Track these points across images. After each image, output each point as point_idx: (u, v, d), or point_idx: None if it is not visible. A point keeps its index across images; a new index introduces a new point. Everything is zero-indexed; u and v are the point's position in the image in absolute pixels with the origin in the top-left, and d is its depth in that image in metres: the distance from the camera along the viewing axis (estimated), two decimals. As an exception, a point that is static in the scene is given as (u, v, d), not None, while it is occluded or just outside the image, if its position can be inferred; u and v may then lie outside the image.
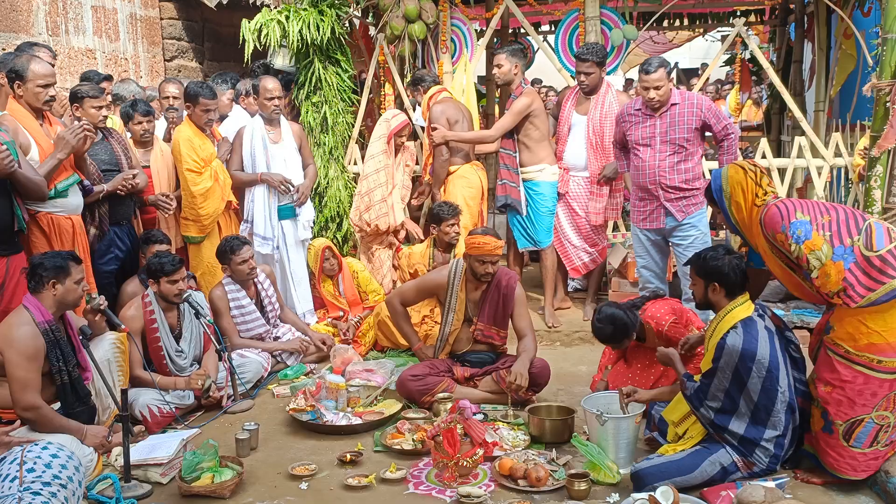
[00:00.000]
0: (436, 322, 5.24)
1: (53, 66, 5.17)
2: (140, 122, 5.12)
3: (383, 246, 6.12)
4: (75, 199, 4.36)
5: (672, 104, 4.85)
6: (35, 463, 2.70)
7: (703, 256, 3.57)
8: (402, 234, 6.22)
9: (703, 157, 5.13)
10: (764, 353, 3.30)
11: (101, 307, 3.92)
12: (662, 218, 4.95)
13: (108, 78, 5.65)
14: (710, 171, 3.99)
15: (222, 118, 6.05)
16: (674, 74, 8.27)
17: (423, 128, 6.46)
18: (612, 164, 5.60)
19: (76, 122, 4.32)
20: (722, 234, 6.51)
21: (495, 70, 5.75)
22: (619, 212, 5.91)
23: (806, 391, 3.51)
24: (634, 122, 4.97)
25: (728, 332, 3.36)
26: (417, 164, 6.44)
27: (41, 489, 2.63)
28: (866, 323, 3.22)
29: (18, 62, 4.21)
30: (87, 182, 4.48)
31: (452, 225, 5.47)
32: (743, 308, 3.43)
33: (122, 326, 4.01)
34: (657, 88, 4.77)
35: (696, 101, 4.88)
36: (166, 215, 5.22)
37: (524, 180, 5.76)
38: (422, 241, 5.94)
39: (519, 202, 5.72)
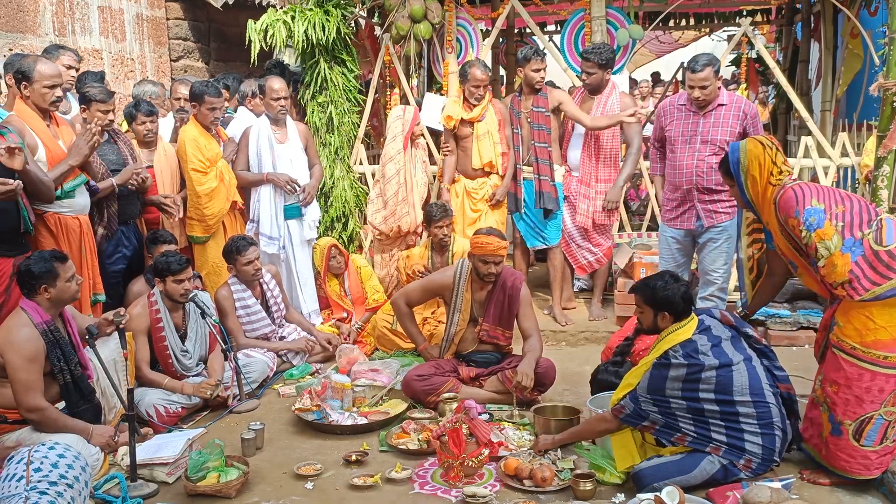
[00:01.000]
0: (439, 321, 5.23)
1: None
2: (143, 123, 5.09)
3: (402, 247, 6.06)
4: (82, 200, 4.37)
5: (719, 104, 4.75)
6: (42, 462, 2.71)
7: (653, 287, 3.47)
8: (421, 231, 6.17)
9: None
10: (712, 363, 3.28)
11: (121, 325, 3.88)
12: (694, 220, 4.89)
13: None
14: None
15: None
16: (680, 74, 8.25)
17: (430, 128, 6.44)
18: (616, 189, 5.57)
19: (88, 127, 4.27)
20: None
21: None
22: (615, 213, 5.87)
23: (786, 375, 3.53)
24: (677, 118, 4.87)
25: (667, 353, 3.33)
26: (433, 163, 6.40)
27: (47, 489, 2.63)
28: (873, 318, 3.21)
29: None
30: (93, 183, 4.49)
31: (441, 227, 5.45)
32: (684, 329, 3.40)
33: (125, 351, 3.97)
34: (703, 87, 4.66)
35: (744, 105, 4.77)
36: (172, 220, 5.15)
37: None
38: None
39: (556, 200, 5.64)
